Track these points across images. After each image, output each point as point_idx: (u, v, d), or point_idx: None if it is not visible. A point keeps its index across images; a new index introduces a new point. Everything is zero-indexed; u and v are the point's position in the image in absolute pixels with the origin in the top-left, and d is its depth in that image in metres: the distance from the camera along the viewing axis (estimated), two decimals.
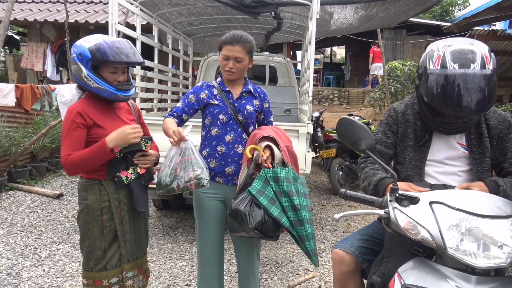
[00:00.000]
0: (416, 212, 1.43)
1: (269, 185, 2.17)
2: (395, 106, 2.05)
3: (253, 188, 2.15)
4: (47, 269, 3.53)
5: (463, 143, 1.86)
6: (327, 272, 3.63)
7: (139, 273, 2.28)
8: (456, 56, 1.60)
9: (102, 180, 2.16)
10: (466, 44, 1.64)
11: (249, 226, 2.10)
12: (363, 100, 14.98)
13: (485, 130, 1.85)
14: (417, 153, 1.90)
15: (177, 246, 4.12)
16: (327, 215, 5.32)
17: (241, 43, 2.31)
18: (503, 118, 1.86)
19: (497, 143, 1.85)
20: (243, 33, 2.37)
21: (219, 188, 2.40)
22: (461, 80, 1.56)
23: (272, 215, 2.11)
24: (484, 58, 1.59)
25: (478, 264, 1.31)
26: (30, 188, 5.84)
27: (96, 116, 2.13)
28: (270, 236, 2.16)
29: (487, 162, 1.84)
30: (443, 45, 1.67)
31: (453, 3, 20.93)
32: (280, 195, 2.16)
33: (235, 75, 2.37)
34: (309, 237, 2.16)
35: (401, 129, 1.96)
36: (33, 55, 10.32)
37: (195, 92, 2.44)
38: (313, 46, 4.17)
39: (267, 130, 2.38)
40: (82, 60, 2.05)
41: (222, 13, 5.80)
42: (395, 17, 6.26)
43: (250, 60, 2.41)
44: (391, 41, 15.65)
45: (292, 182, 2.21)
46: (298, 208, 2.14)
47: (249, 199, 2.15)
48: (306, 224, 2.15)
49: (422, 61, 1.73)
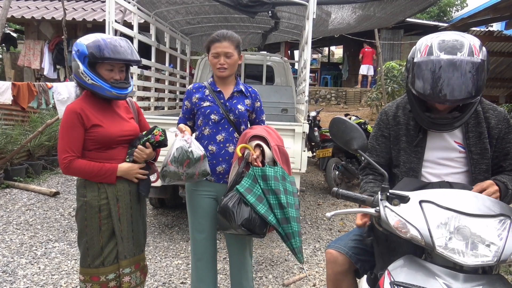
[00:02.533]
0: (406, 211, 1.45)
1: (257, 183, 2.22)
2: (386, 109, 2.01)
3: (241, 186, 2.21)
4: (43, 267, 3.54)
5: (460, 142, 1.81)
6: (321, 270, 3.66)
7: (136, 269, 2.30)
8: (443, 44, 1.58)
9: None
10: (455, 35, 1.62)
11: (236, 223, 2.16)
12: (361, 100, 15.02)
13: (485, 130, 1.80)
14: (412, 154, 1.86)
15: (173, 244, 4.13)
16: (322, 214, 5.34)
17: (228, 39, 2.38)
18: (503, 117, 1.82)
19: (497, 142, 1.81)
20: (227, 31, 2.44)
21: (211, 186, 2.45)
22: (446, 66, 1.53)
23: (259, 212, 2.16)
24: (472, 47, 1.56)
25: (466, 262, 1.33)
26: (27, 186, 5.85)
27: (94, 115, 2.14)
28: (257, 233, 2.21)
29: (486, 163, 1.80)
30: (432, 36, 1.66)
31: (451, 3, 20.96)
32: (268, 193, 2.21)
33: (227, 71, 2.41)
34: (295, 234, 2.20)
35: (393, 133, 1.94)
36: (30, 52, 10.31)
37: (188, 98, 2.51)
38: (309, 46, 4.19)
39: (258, 129, 2.41)
40: (80, 56, 2.07)
41: (220, 12, 5.81)
42: (392, 17, 6.28)
43: (240, 56, 2.45)
44: (389, 41, 15.68)
45: (281, 181, 2.25)
46: (284, 206, 2.18)
47: (238, 197, 2.20)
48: (292, 222, 2.19)
49: (411, 54, 1.71)
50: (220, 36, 2.38)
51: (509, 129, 1.82)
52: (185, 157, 2.21)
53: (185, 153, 2.20)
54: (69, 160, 2.08)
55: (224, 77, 2.45)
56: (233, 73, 2.48)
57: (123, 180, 2.21)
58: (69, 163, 2.07)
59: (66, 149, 2.08)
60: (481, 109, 1.82)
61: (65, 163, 2.08)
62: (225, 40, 2.37)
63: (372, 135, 2.04)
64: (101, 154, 2.15)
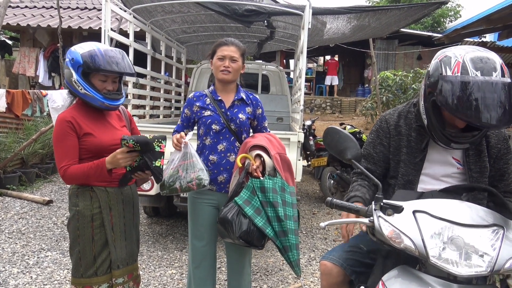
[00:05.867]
0: (400, 221, 1.45)
1: (255, 195, 2.21)
2: (387, 116, 1.94)
3: (239, 198, 2.20)
4: (35, 276, 3.50)
5: (458, 159, 1.80)
6: (316, 280, 3.64)
7: (129, 279, 2.27)
8: (478, 63, 1.49)
9: (94, 186, 2.16)
10: (484, 51, 1.54)
11: (235, 235, 2.16)
12: (355, 109, 15.09)
13: (485, 148, 1.78)
14: (411, 166, 1.83)
15: (167, 253, 4.10)
16: (317, 223, 5.32)
17: (235, 45, 2.43)
18: (503, 137, 1.81)
19: (494, 162, 1.81)
20: (235, 39, 2.50)
21: (212, 195, 2.45)
22: (485, 88, 1.43)
23: (257, 225, 2.15)
24: (502, 67, 1.50)
25: (460, 273, 1.33)
26: (20, 194, 5.79)
27: (86, 124, 2.13)
28: (255, 245, 2.20)
29: (485, 182, 1.78)
30: (461, 51, 1.55)
31: (445, 14, 21.21)
32: (266, 205, 2.20)
33: (231, 75, 2.41)
34: (292, 247, 2.19)
35: (394, 143, 1.88)
36: (25, 60, 10.28)
37: (188, 106, 2.51)
38: (304, 55, 4.21)
39: (259, 138, 2.40)
40: (74, 65, 2.06)
41: (216, 21, 5.84)
42: (386, 27, 6.35)
43: (243, 65, 2.48)
44: (383, 51, 15.82)
45: (280, 192, 2.25)
46: (282, 219, 2.18)
47: (237, 209, 2.20)
48: (290, 234, 2.18)
49: (435, 68, 1.59)
50: (228, 41, 2.44)
51: (508, 150, 1.82)
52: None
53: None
54: (64, 170, 2.06)
55: (226, 82, 2.44)
56: (235, 80, 2.49)
57: (116, 188, 2.20)
58: (64, 172, 2.07)
59: (61, 159, 2.07)
60: None
61: (61, 173, 2.07)
62: (233, 45, 2.41)
63: (368, 142, 1.97)
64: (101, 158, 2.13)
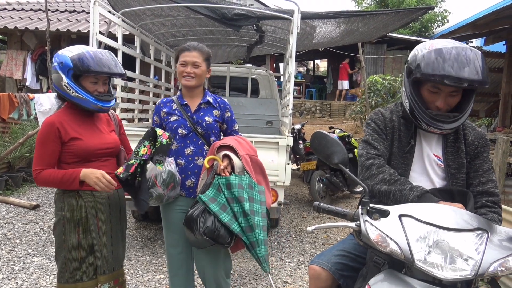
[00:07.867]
0: (386, 225, 1.45)
1: (221, 192, 2.21)
2: (381, 110, 1.97)
3: (205, 196, 2.20)
4: (20, 282, 3.44)
5: (439, 156, 1.85)
6: (305, 284, 3.64)
7: (115, 285, 2.26)
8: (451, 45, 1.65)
9: (80, 191, 2.14)
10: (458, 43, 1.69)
11: (199, 232, 2.14)
12: (345, 113, 15.18)
13: (463, 145, 1.84)
14: (401, 160, 1.87)
15: (155, 258, 4.07)
16: (307, 227, 5.32)
17: (198, 50, 2.40)
18: (480, 135, 1.87)
19: (471, 159, 1.85)
20: (199, 43, 2.46)
21: (182, 200, 2.44)
22: (458, 51, 1.60)
23: (223, 221, 2.15)
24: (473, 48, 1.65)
25: (445, 277, 1.34)
26: (6, 199, 5.71)
27: (74, 128, 2.12)
28: (221, 243, 2.18)
29: (462, 178, 1.83)
30: (435, 41, 1.71)
31: (432, 19, 21.48)
32: (232, 201, 2.20)
33: (194, 81, 2.40)
34: (260, 243, 2.18)
35: (389, 135, 1.90)
36: (13, 63, 10.16)
37: (156, 113, 2.53)
38: (293, 60, 4.23)
39: (227, 139, 2.42)
40: (63, 69, 2.05)
41: (205, 25, 5.84)
42: (375, 31, 6.41)
43: (208, 69, 2.46)
44: (372, 56, 15.96)
45: (246, 189, 2.24)
46: (248, 213, 2.17)
47: (202, 207, 2.19)
48: (257, 229, 2.18)
49: (412, 54, 1.73)
50: (190, 46, 2.41)
51: (485, 148, 1.85)
52: (172, 181, 2.28)
53: (172, 176, 2.28)
54: (37, 173, 2.08)
55: (190, 87, 2.43)
56: (200, 85, 2.47)
57: (103, 192, 2.17)
58: (37, 175, 2.08)
59: (38, 162, 2.09)
60: (461, 126, 1.85)
61: (34, 175, 2.10)
62: (195, 50, 2.38)
63: (369, 132, 1.93)
64: (81, 168, 2.12)
